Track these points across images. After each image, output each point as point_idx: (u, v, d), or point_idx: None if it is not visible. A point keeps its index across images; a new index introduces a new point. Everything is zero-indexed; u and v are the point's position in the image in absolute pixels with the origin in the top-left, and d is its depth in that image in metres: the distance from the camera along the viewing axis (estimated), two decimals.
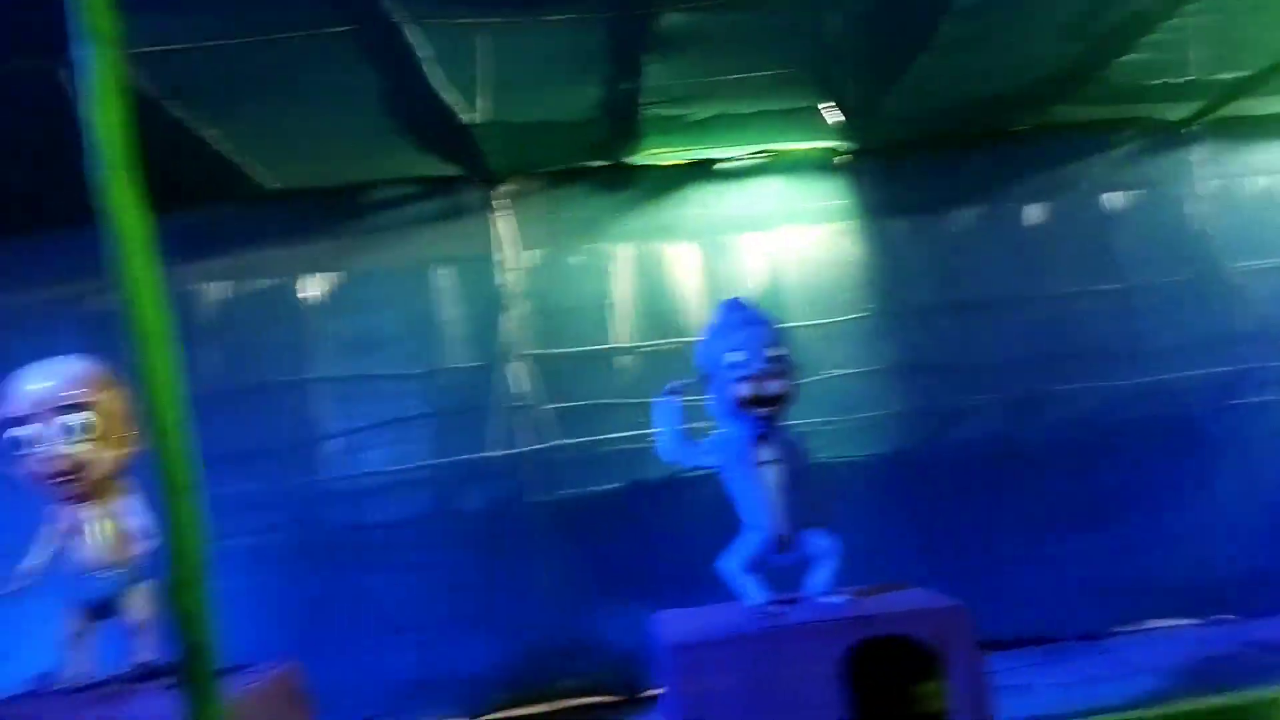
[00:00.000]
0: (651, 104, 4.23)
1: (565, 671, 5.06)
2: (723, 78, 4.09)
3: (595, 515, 5.16)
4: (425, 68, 3.58)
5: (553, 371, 5.32)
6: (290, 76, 3.64)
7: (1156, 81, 4.64)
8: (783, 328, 5.17)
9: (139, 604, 3.26)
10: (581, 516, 5.17)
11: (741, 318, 3.44)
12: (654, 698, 4.94)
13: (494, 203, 5.36)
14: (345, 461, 5.21)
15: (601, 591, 5.12)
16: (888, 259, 5.52)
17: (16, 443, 3.20)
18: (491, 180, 5.29)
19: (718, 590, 4.85)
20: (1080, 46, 4.04)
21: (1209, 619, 5.14)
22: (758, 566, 3.29)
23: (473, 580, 5.10)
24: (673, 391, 3.34)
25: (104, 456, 3.24)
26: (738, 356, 3.25)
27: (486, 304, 5.34)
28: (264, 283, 5.29)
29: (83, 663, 3.26)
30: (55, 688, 3.21)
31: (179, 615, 2.36)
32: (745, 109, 4.48)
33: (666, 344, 5.35)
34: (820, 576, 3.28)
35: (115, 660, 3.28)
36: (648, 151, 5.13)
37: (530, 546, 5.16)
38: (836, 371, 5.35)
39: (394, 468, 5.20)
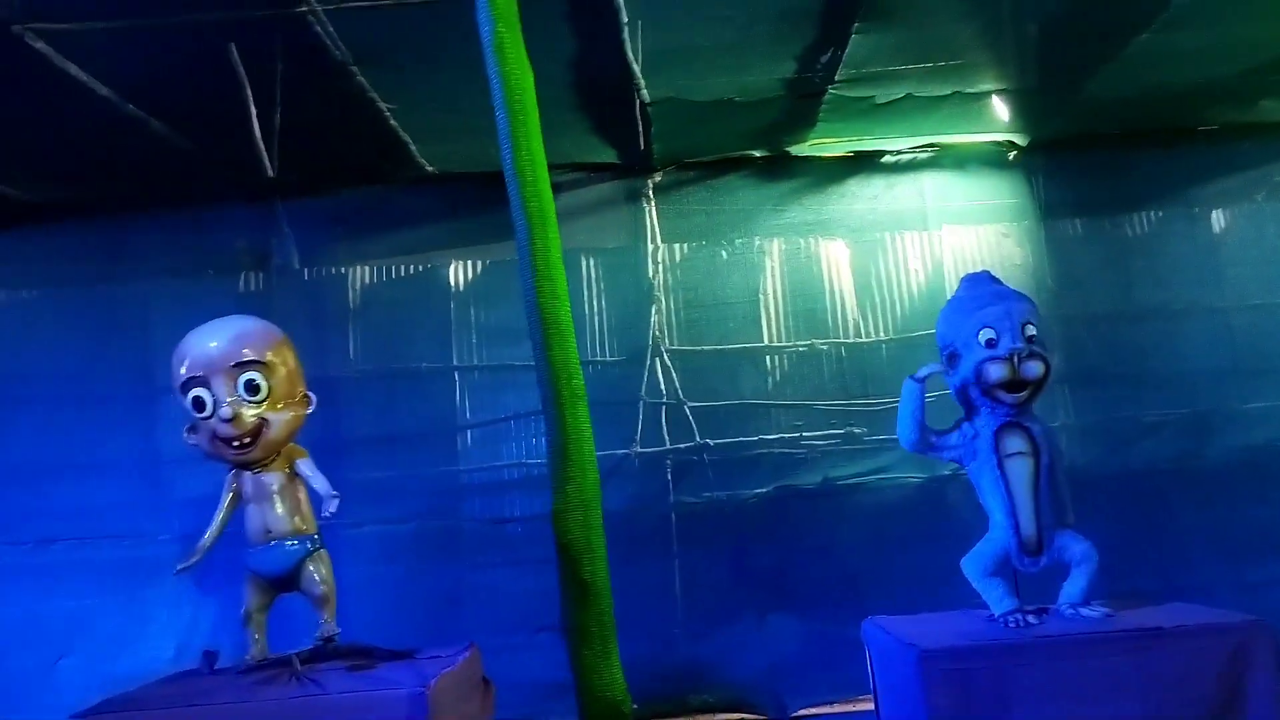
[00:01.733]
0: (844, 81, 4.01)
1: (703, 684, 4.79)
2: (921, 61, 3.84)
3: (741, 520, 4.91)
4: (624, 33, 3.42)
5: (699, 369, 5.11)
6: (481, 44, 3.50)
7: None
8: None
9: (320, 575, 3.10)
10: (726, 521, 4.92)
11: (994, 292, 3.16)
12: (803, 718, 4.67)
13: (648, 192, 5.20)
14: (484, 452, 5.08)
15: (745, 601, 4.85)
16: (1060, 262, 5.19)
17: (196, 404, 3.07)
18: (647, 169, 5.13)
19: (876, 604, 4.62)
20: None
21: None
22: (1004, 570, 2.99)
23: (619, 580, 4.82)
24: (921, 379, 3.06)
25: (281, 418, 3.11)
26: (989, 334, 2.97)
27: (634, 296, 5.16)
28: (415, 267, 5.21)
29: (261, 639, 3.12)
30: (239, 666, 3.06)
31: (567, 543, 2.16)
32: (935, 91, 4.23)
33: (818, 344, 5.12)
34: (1075, 585, 2.97)
35: (298, 636, 3.13)
36: (815, 141, 4.91)
37: (671, 549, 4.94)
38: None
39: (533, 461, 5.03)
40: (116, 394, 4.94)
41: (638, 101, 4.20)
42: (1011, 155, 5.22)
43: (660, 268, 5.17)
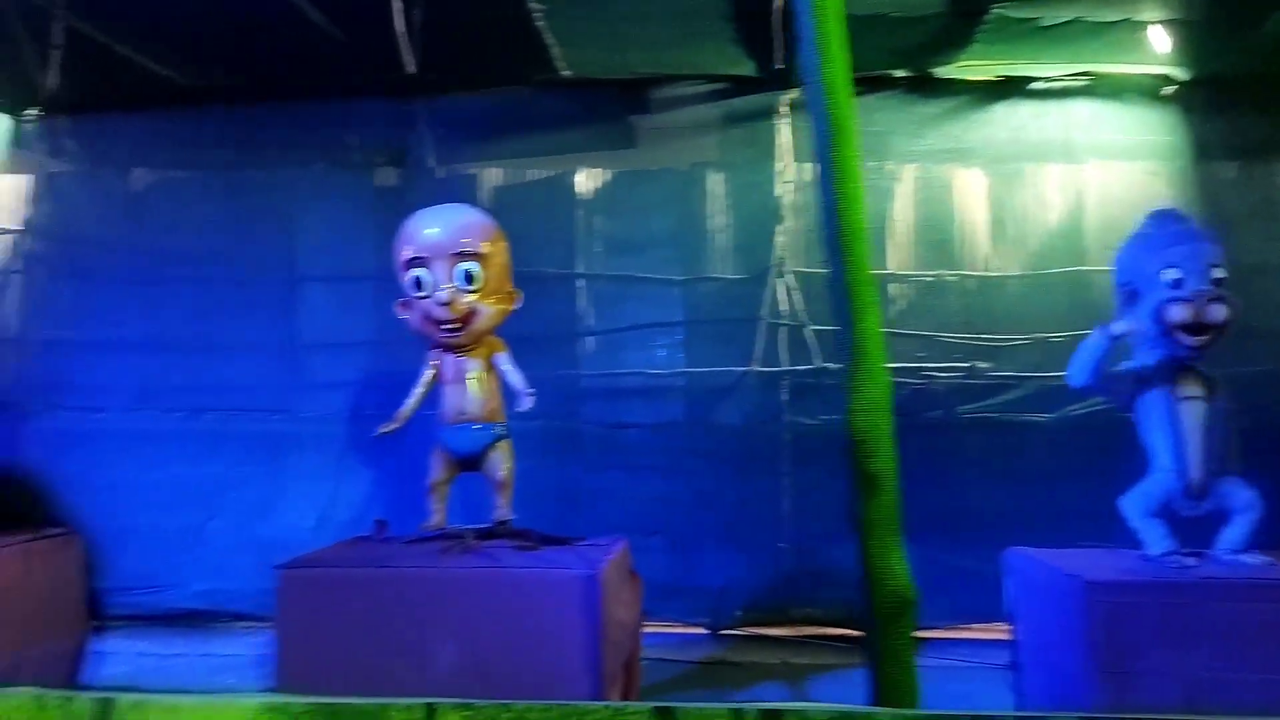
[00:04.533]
0: (1011, 1, 3.85)
1: (811, 598, 4.91)
2: None
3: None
4: None
5: (821, 292, 5.07)
6: None
7: None
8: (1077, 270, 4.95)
9: (503, 460, 3.29)
10: (842, 445, 4.94)
11: (1182, 230, 3.07)
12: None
13: (780, 109, 5.12)
14: (605, 359, 5.17)
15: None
16: (1210, 207, 4.97)
17: (415, 284, 3.22)
18: (783, 84, 5.04)
19: (992, 536, 4.62)
20: None
21: None
22: (1164, 512, 2.98)
23: (723, 493, 5.00)
24: (1115, 337, 3.02)
25: (490, 309, 3.27)
26: (1174, 274, 2.90)
27: (760, 215, 5.13)
28: (545, 172, 5.27)
29: (441, 509, 3.33)
30: (409, 536, 3.25)
31: (859, 440, 2.27)
32: (1103, 16, 4.05)
33: (946, 275, 5.05)
34: (1235, 532, 2.94)
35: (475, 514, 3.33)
36: (964, 63, 4.75)
37: (784, 467, 5.01)
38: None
39: (652, 370, 5.13)
40: (259, 278, 5.16)
41: (783, 13, 4.10)
42: (1169, 90, 4.98)
43: (788, 187, 5.13)
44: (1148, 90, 4.97)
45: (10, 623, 2.77)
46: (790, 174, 5.13)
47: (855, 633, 4.79)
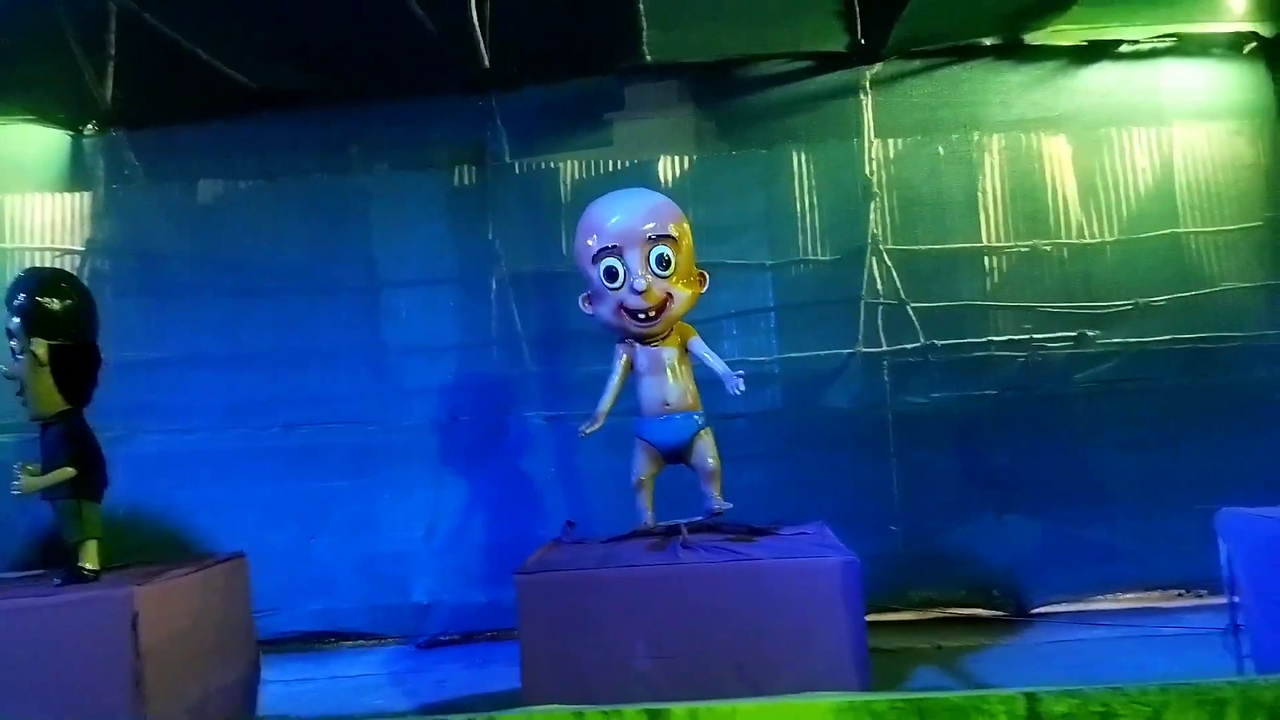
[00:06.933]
0: None
1: (928, 580, 4.82)
2: None
3: (970, 421, 4.84)
4: None
5: (917, 269, 5.00)
6: None
7: None
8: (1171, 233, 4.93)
9: (710, 449, 3.15)
10: (954, 422, 4.86)
11: None
12: (1042, 615, 4.67)
13: (865, 84, 5.03)
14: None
15: (978, 501, 4.80)
16: None
17: (608, 275, 3.08)
18: (868, 58, 4.96)
19: (1120, 509, 4.59)
20: None
21: None
22: None
23: (830, 479, 4.89)
24: None
25: (683, 295, 3.15)
26: None
27: (848, 194, 5.05)
28: (625, 162, 5.14)
29: (650, 508, 3.20)
30: (635, 532, 3.10)
31: None
32: None
33: (1040, 244, 4.98)
34: None
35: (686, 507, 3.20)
36: (1056, 26, 4.71)
37: (891, 449, 4.91)
38: (1229, 285, 4.91)
39: (753, 358, 4.98)
40: (341, 285, 4.98)
41: None
42: (1248, 48, 4.96)
43: (876, 163, 5.04)
44: (1232, 48, 4.96)
45: (200, 653, 2.59)
46: (877, 150, 5.04)
47: (986, 611, 4.75)
